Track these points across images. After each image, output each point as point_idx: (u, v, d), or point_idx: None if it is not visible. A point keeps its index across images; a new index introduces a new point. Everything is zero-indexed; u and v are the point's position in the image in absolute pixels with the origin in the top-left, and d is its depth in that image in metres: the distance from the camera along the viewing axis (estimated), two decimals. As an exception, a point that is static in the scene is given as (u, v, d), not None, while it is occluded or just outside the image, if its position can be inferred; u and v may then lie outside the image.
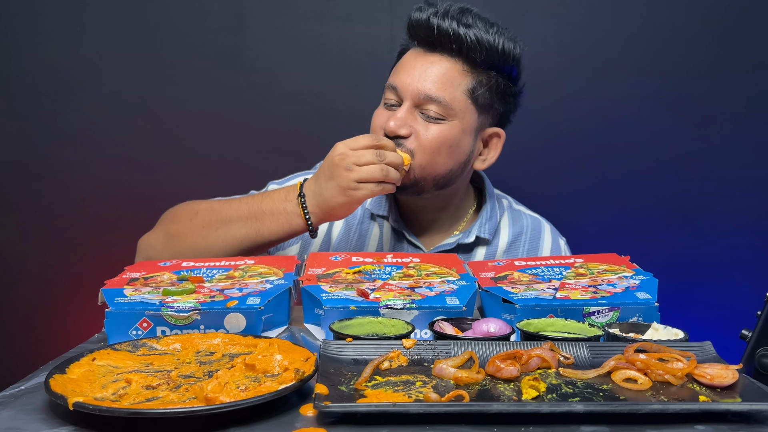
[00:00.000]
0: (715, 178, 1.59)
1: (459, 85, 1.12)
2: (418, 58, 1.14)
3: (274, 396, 0.57)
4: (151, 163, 1.58)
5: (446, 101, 1.11)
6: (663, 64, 1.57)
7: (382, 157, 1.01)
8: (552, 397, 0.60)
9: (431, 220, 1.23)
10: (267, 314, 0.83)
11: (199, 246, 1.08)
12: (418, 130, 1.11)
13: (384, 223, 1.23)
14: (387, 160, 1.01)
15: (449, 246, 1.20)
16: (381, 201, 1.23)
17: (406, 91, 1.12)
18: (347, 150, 1.01)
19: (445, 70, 1.12)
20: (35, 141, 1.60)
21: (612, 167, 1.60)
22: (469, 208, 1.27)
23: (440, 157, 1.12)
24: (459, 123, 1.13)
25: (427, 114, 1.12)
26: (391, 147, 1.04)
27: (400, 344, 0.70)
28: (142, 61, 1.57)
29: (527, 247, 1.24)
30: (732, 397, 0.60)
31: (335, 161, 1.00)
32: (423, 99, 1.11)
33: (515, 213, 1.28)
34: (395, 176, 1.02)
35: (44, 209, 1.61)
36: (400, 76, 1.14)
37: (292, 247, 1.22)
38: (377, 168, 1.00)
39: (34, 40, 1.57)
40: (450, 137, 1.12)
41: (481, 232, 1.21)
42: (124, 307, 0.80)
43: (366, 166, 1.00)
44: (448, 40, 1.11)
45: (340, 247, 1.22)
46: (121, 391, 0.60)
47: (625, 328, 0.77)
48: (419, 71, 1.12)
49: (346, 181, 1.00)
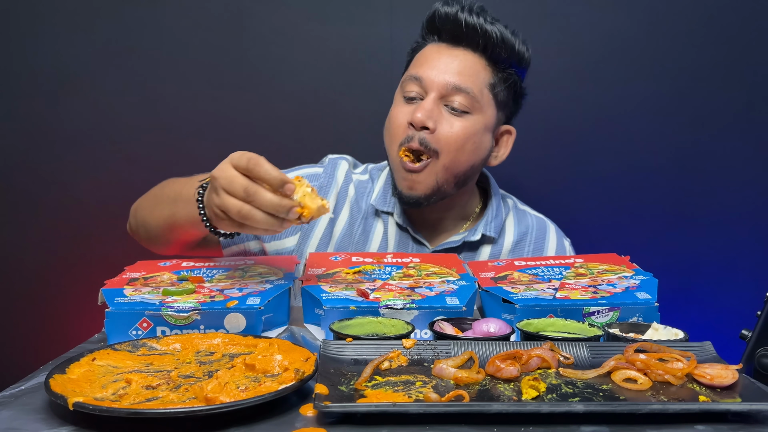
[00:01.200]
0: (715, 178, 1.59)
1: (483, 79, 1.14)
2: (442, 52, 1.15)
3: (274, 396, 0.57)
4: (151, 163, 1.58)
5: (473, 92, 1.12)
6: (663, 64, 1.57)
7: (250, 195, 0.80)
8: (552, 397, 0.60)
9: (437, 219, 1.22)
10: (267, 314, 0.83)
11: (147, 221, 1.12)
12: (443, 125, 1.11)
13: (389, 219, 1.22)
14: (257, 202, 0.80)
15: (455, 244, 1.20)
16: (386, 196, 1.21)
17: (432, 82, 1.12)
18: (225, 167, 0.82)
19: (471, 63, 1.13)
20: (35, 141, 1.60)
21: (612, 167, 1.60)
22: (475, 207, 1.26)
23: (464, 154, 1.13)
24: (482, 118, 1.14)
25: (451, 106, 1.12)
26: (281, 190, 0.81)
27: (400, 344, 0.70)
28: (142, 61, 1.57)
29: (532, 247, 1.24)
30: (732, 397, 0.60)
31: (214, 174, 0.83)
32: (450, 89, 1.11)
33: (520, 213, 1.28)
34: (261, 221, 0.81)
35: (44, 209, 1.61)
36: (424, 68, 1.14)
37: (289, 238, 1.19)
38: (235, 206, 0.80)
39: (34, 40, 1.57)
40: (474, 132, 1.13)
41: (487, 230, 1.20)
42: (124, 307, 0.80)
43: (229, 198, 0.81)
44: (475, 35, 1.12)
45: (343, 242, 1.20)
46: (121, 391, 0.60)
47: (625, 328, 0.77)
48: (445, 63, 1.13)
49: (213, 201, 0.84)
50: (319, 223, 1.19)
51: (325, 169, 1.24)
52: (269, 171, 0.80)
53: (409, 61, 1.21)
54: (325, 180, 1.22)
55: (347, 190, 1.23)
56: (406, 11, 1.55)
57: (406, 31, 1.34)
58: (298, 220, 0.81)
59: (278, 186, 0.80)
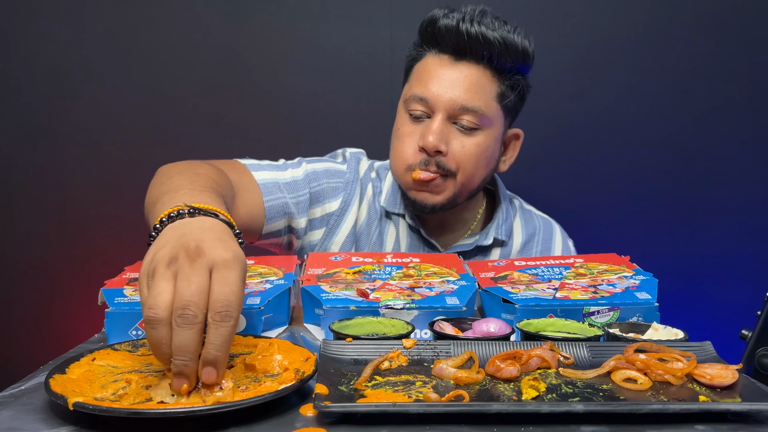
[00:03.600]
0: (715, 178, 1.60)
1: (490, 93, 1.10)
2: (445, 68, 1.10)
3: (274, 396, 0.57)
4: (151, 163, 1.58)
5: (482, 110, 1.09)
6: (664, 63, 1.57)
7: (154, 330, 0.54)
8: (552, 397, 0.60)
9: (442, 220, 1.22)
10: (267, 314, 0.83)
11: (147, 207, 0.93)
12: (454, 145, 1.09)
13: (400, 221, 1.21)
14: (175, 342, 0.54)
15: (468, 248, 1.20)
16: (396, 198, 1.20)
17: (438, 102, 1.09)
18: (146, 269, 0.58)
19: (477, 78, 1.09)
20: (35, 141, 1.60)
21: (612, 167, 1.60)
22: (479, 208, 1.26)
23: (478, 170, 1.12)
24: (492, 131, 1.12)
25: (461, 124, 1.09)
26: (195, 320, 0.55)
27: (400, 344, 0.70)
28: (142, 61, 1.58)
29: (540, 248, 1.24)
30: (732, 397, 0.60)
31: (148, 254, 0.60)
32: (458, 110, 1.08)
33: (527, 213, 1.28)
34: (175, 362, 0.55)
35: (44, 209, 1.61)
36: (428, 87, 1.10)
37: (316, 231, 1.18)
38: (150, 333, 0.55)
39: (34, 40, 1.57)
40: (485, 148, 1.12)
41: (498, 233, 1.21)
42: (124, 307, 0.80)
43: (149, 308, 0.54)
44: (479, 47, 1.08)
45: (361, 241, 1.19)
46: (121, 391, 0.60)
47: (625, 328, 0.76)
48: (449, 81, 1.09)
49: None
50: (345, 221, 1.18)
51: (348, 165, 1.21)
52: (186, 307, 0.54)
53: (409, 68, 1.17)
54: (350, 176, 1.20)
55: (366, 189, 1.22)
56: (406, 11, 1.55)
57: (406, 31, 1.34)
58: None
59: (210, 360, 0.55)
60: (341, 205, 1.18)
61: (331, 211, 1.18)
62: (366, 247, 1.20)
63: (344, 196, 1.18)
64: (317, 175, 1.18)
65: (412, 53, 1.17)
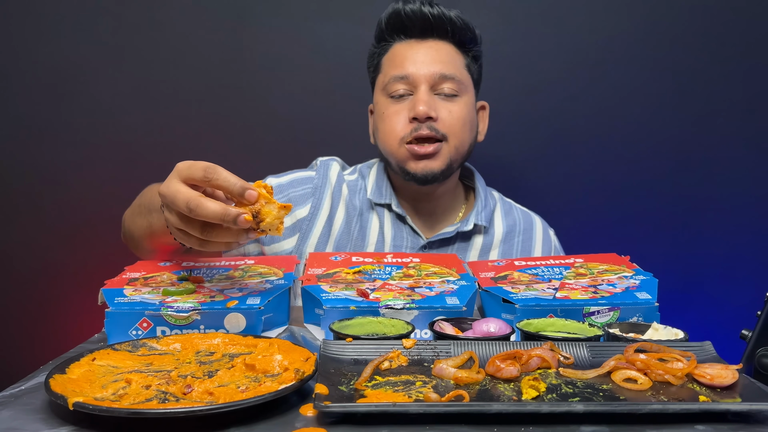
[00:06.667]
0: (715, 178, 1.60)
1: (459, 63, 1.20)
2: (415, 47, 1.19)
3: (274, 396, 0.57)
4: (151, 163, 1.58)
5: (458, 76, 1.17)
6: (663, 63, 1.57)
7: (193, 210, 0.73)
8: (552, 397, 0.60)
9: (430, 209, 1.26)
10: (267, 314, 0.83)
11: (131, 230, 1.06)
12: (441, 111, 1.16)
13: (384, 211, 1.24)
14: (202, 216, 0.73)
15: (449, 234, 1.22)
16: (381, 189, 1.24)
17: (419, 76, 1.16)
18: (170, 182, 0.76)
19: (446, 50, 1.19)
20: (35, 141, 1.60)
21: (612, 167, 1.60)
22: (462, 200, 1.31)
23: (466, 134, 1.19)
24: (469, 98, 1.20)
25: (443, 93, 1.17)
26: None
27: (400, 344, 0.70)
28: (142, 61, 1.58)
29: (521, 238, 1.27)
30: (732, 397, 0.60)
31: (161, 191, 0.78)
32: (438, 78, 1.16)
33: (506, 204, 1.32)
34: (219, 235, 0.77)
35: (44, 209, 1.61)
36: (405, 66, 1.17)
37: (287, 240, 1.21)
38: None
39: (34, 40, 1.57)
40: (467, 112, 1.19)
41: (478, 219, 1.24)
42: (124, 307, 0.80)
43: (175, 216, 0.77)
44: (443, 24, 1.17)
45: (341, 240, 1.22)
46: (121, 391, 0.60)
47: (625, 328, 0.77)
48: (423, 56, 1.17)
49: (169, 221, 0.80)
50: (316, 224, 1.21)
51: (317, 172, 1.26)
52: (228, 179, 0.74)
53: (377, 65, 1.24)
54: (319, 181, 1.24)
55: (341, 189, 1.25)
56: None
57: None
58: (259, 231, 0.75)
59: (239, 194, 0.74)
60: (311, 210, 1.22)
61: (302, 217, 1.22)
62: (348, 245, 1.22)
63: (313, 201, 1.23)
64: (282, 187, 1.23)
65: (375, 51, 1.25)
